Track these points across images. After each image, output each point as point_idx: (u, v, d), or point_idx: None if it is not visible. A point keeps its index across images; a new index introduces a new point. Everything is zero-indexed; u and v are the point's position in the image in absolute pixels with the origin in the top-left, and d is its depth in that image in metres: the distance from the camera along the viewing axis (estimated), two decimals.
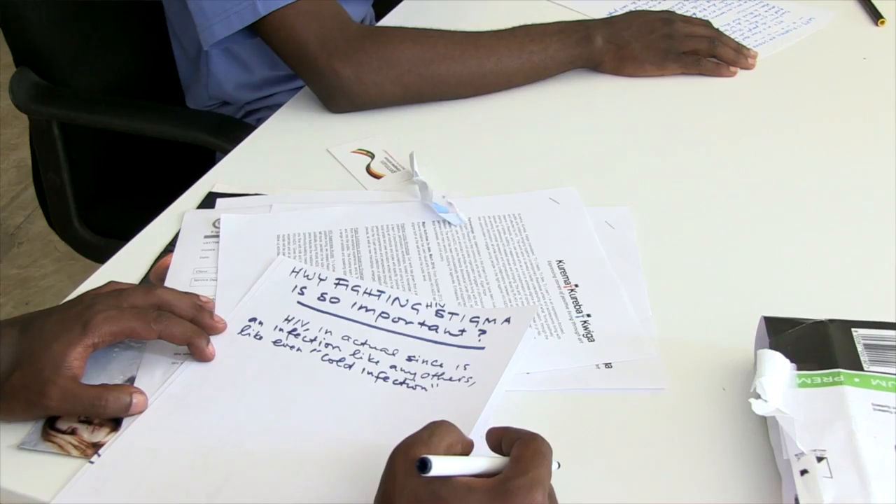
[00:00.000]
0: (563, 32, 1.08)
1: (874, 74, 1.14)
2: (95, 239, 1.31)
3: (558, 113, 1.05)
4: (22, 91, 1.21)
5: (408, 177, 0.91)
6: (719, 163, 0.97)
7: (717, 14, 1.26)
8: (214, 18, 1.04)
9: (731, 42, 1.13)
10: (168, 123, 1.20)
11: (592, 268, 0.80)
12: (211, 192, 0.91)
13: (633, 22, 1.11)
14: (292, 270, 0.79)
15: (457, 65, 1.03)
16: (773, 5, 1.28)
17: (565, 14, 1.24)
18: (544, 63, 1.07)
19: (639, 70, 1.10)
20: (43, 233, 2.25)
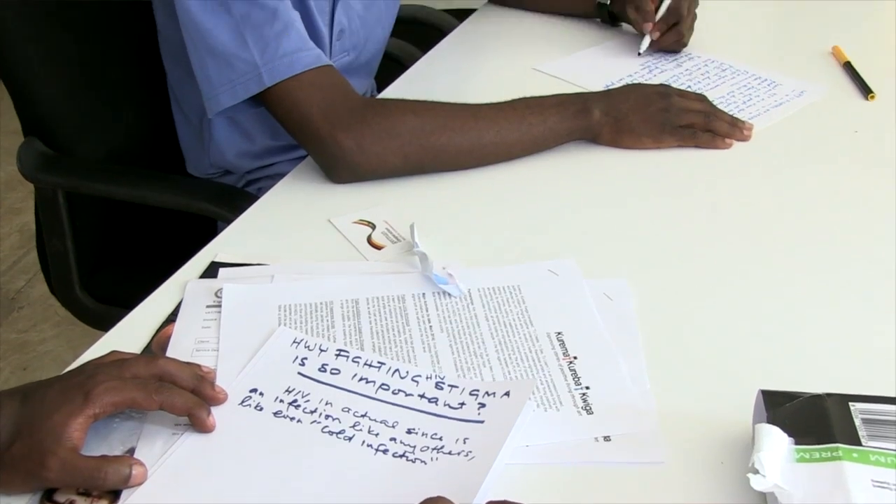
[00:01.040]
0: (562, 105, 1.10)
1: (866, 147, 1.16)
2: (96, 306, 1.32)
3: (557, 184, 1.06)
4: (29, 160, 1.23)
5: (408, 248, 0.92)
6: (716, 235, 0.98)
7: (712, 87, 1.28)
8: (220, 88, 1.07)
9: (726, 116, 1.15)
10: (171, 192, 1.21)
11: (591, 340, 0.80)
12: (213, 261, 0.92)
13: (631, 95, 1.13)
14: (293, 341, 0.80)
15: (457, 136, 1.05)
16: (766, 78, 1.31)
17: (564, 87, 1.26)
18: (543, 135, 1.09)
19: (636, 142, 1.11)
20: (43, 297, 2.26)
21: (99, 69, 1.30)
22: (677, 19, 1.34)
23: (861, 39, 1.46)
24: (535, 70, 1.33)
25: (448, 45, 1.46)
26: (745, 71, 1.33)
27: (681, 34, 1.35)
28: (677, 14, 1.34)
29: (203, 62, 1.07)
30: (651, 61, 1.36)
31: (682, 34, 1.35)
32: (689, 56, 1.38)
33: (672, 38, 1.35)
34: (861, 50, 1.38)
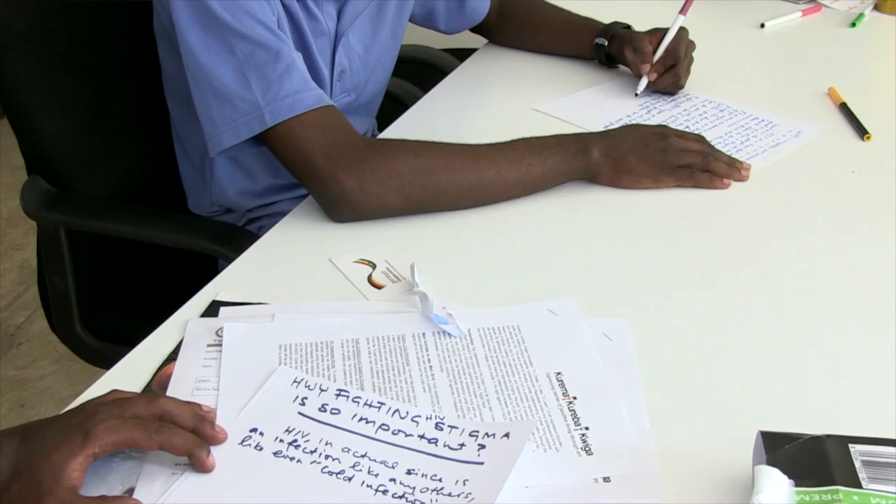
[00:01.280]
0: (561, 145, 1.11)
1: (863, 187, 1.17)
2: (96, 343, 1.32)
3: (556, 224, 1.07)
4: (32, 198, 1.24)
5: (408, 287, 0.93)
6: (715, 274, 0.98)
7: (709, 127, 1.30)
8: (223, 127, 1.08)
9: (724, 156, 1.16)
10: (173, 231, 1.22)
11: (591, 380, 0.81)
12: (215, 300, 0.92)
13: (629, 136, 1.14)
14: (294, 381, 0.80)
15: (457, 176, 1.06)
16: (764, 118, 1.32)
17: (563, 127, 1.27)
18: (543, 175, 1.09)
19: (635, 182, 1.12)
20: (43, 333, 2.26)
21: (103, 108, 1.32)
22: (674, 61, 1.35)
23: (856, 81, 1.48)
24: (535, 110, 1.34)
25: (448, 84, 1.47)
26: (742, 111, 1.34)
27: (678, 76, 1.36)
28: (674, 56, 1.35)
29: (206, 102, 1.08)
30: (649, 101, 1.37)
31: (680, 76, 1.36)
32: (687, 96, 1.39)
33: (669, 79, 1.36)
34: (856, 91, 1.39)
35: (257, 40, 1.05)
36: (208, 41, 1.06)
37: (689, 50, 1.38)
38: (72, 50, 1.27)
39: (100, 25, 1.30)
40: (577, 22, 1.51)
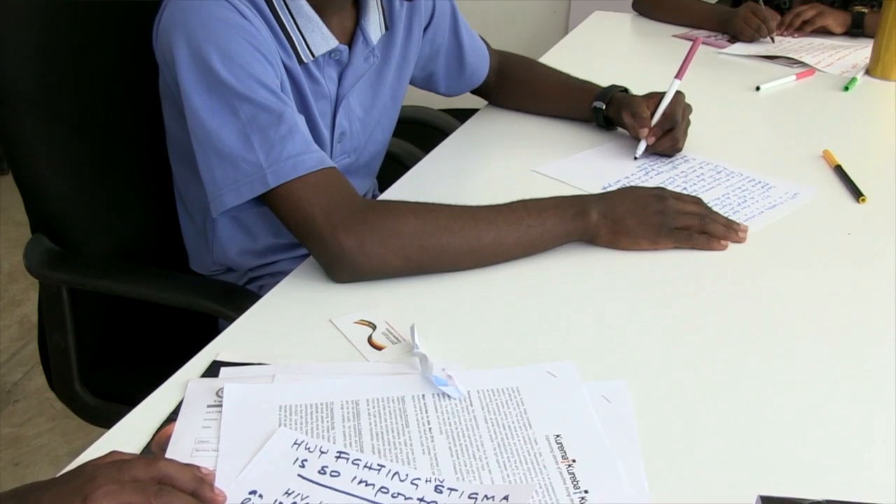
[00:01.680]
0: (560, 207, 1.12)
1: (859, 249, 1.18)
2: (95, 402, 1.32)
3: (555, 285, 1.08)
4: (35, 257, 1.25)
5: (408, 349, 0.93)
6: (713, 336, 0.99)
7: (707, 189, 1.31)
8: (225, 188, 1.09)
9: (721, 218, 1.18)
10: (174, 291, 1.23)
11: (590, 443, 0.81)
12: (215, 360, 0.93)
13: (627, 198, 1.15)
14: (294, 443, 0.80)
15: (456, 237, 1.07)
16: (760, 180, 1.34)
17: (561, 188, 1.29)
18: (542, 237, 1.10)
19: (633, 244, 1.13)
20: (40, 390, 2.25)
21: (107, 168, 1.33)
22: (672, 125, 1.38)
23: (850, 144, 1.50)
24: (534, 171, 1.36)
25: (449, 146, 1.49)
26: (739, 173, 1.36)
27: (676, 139, 1.38)
28: (672, 120, 1.37)
29: (209, 162, 1.09)
30: (647, 163, 1.39)
31: (678, 139, 1.38)
32: (685, 158, 1.41)
33: (667, 143, 1.38)
34: (850, 154, 1.42)
35: (261, 103, 1.07)
36: (213, 103, 1.08)
37: (686, 113, 1.40)
38: (78, 110, 1.29)
39: (106, 86, 1.32)
40: (576, 85, 1.54)
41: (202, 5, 1.10)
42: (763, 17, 2.03)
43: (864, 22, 2.08)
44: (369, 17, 1.26)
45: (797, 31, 2.11)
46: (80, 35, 1.28)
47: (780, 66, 1.93)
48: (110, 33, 1.32)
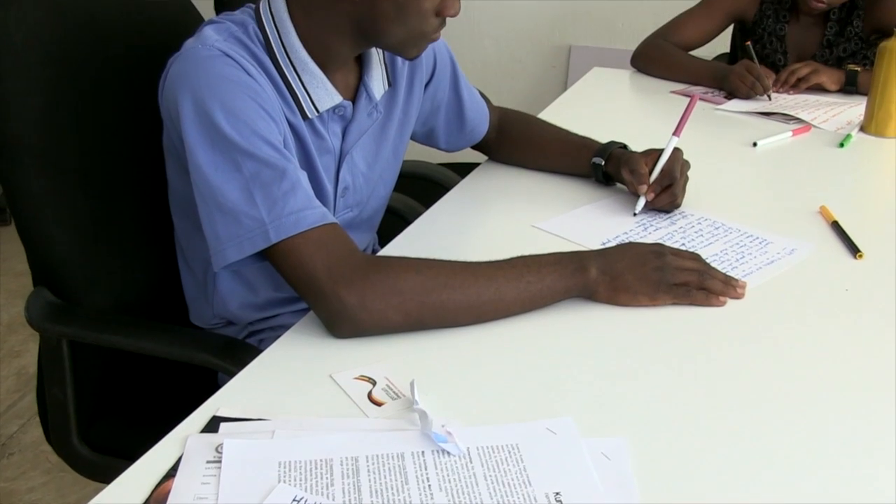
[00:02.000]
0: (559, 263, 1.13)
1: (857, 306, 1.18)
2: (93, 456, 1.31)
3: (554, 341, 1.08)
4: (37, 310, 1.25)
5: (408, 405, 0.93)
6: (713, 392, 0.99)
7: (705, 244, 1.32)
8: (227, 243, 1.10)
9: (720, 274, 1.18)
10: (175, 344, 1.23)
11: (590, 501, 0.80)
12: (215, 415, 0.93)
13: (626, 254, 1.16)
14: (293, 499, 0.79)
15: (457, 294, 1.07)
16: (758, 236, 1.35)
17: (561, 244, 1.30)
18: (541, 293, 1.11)
19: (632, 300, 1.14)
20: (35, 443, 2.24)
21: (109, 221, 1.34)
22: (671, 181, 1.39)
23: (847, 200, 1.51)
24: (533, 227, 1.37)
25: (449, 201, 1.50)
26: (737, 229, 1.37)
27: (674, 196, 1.39)
28: (671, 176, 1.39)
29: (212, 217, 1.10)
30: (646, 219, 1.40)
31: (676, 196, 1.39)
32: (683, 214, 1.42)
33: (666, 199, 1.40)
34: (847, 210, 1.43)
35: (264, 159, 1.08)
36: (216, 159, 1.09)
37: (685, 170, 1.41)
38: (82, 164, 1.30)
39: (110, 140, 1.34)
40: (575, 141, 1.56)
41: (207, 63, 1.12)
42: (757, 75, 2.06)
43: (858, 80, 2.11)
44: (372, 74, 1.29)
45: (792, 88, 2.14)
46: (85, 90, 1.30)
47: (776, 122, 1.95)
48: (115, 89, 1.35)
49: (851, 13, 2.20)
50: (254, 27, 1.19)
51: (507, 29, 3.48)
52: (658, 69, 2.28)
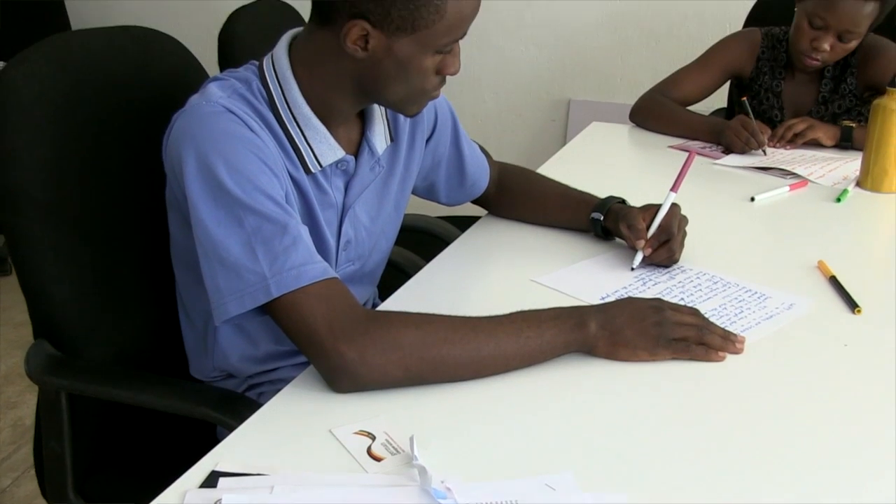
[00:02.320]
0: (558, 319, 1.13)
1: (856, 361, 1.18)
2: None
3: (554, 395, 1.08)
4: (37, 363, 1.25)
5: (407, 460, 0.93)
6: (712, 447, 0.99)
7: (704, 299, 1.32)
8: (229, 297, 1.10)
9: (719, 329, 1.19)
10: (174, 398, 1.23)
11: None
12: (214, 470, 0.92)
13: (626, 309, 1.16)
14: None
15: (456, 349, 1.08)
16: (756, 291, 1.35)
17: (560, 298, 1.30)
18: (540, 348, 1.11)
19: (631, 355, 1.14)
20: (29, 497, 2.21)
21: (111, 273, 1.35)
22: (668, 237, 1.40)
23: (844, 255, 1.51)
24: (533, 281, 1.38)
25: (449, 255, 1.51)
26: (735, 283, 1.37)
27: (672, 251, 1.40)
28: (668, 232, 1.40)
29: (213, 271, 1.11)
30: (644, 274, 1.40)
31: (674, 251, 1.40)
32: (682, 268, 1.43)
33: (664, 254, 1.40)
34: (845, 265, 1.43)
35: (265, 214, 1.10)
36: (218, 213, 1.10)
37: (682, 225, 1.42)
38: (85, 216, 1.31)
39: (113, 193, 1.35)
40: (574, 196, 1.57)
41: (211, 119, 1.14)
42: (752, 130, 2.08)
43: (853, 136, 2.14)
44: (375, 129, 1.30)
45: (789, 144, 2.16)
46: (90, 144, 1.32)
47: (773, 177, 1.97)
48: (119, 142, 1.36)
49: (845, 71, 2.24)
50: (257, 84, 1.21)
51: (506, 82, 3.52)
52: (656, 124, 2.31)
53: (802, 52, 2.14)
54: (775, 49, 2.29)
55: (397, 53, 1.14)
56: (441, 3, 1.12)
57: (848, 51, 2.14)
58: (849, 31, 2.07)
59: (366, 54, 1.15)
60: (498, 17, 3.39)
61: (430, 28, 1.13)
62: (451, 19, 1.14)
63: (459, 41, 1.19)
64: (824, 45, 2.10)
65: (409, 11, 1.11)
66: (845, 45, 2.11)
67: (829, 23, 2.07)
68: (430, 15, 1.12)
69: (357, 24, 1.12)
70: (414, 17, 1.12)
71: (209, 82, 1.22)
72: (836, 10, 2.04)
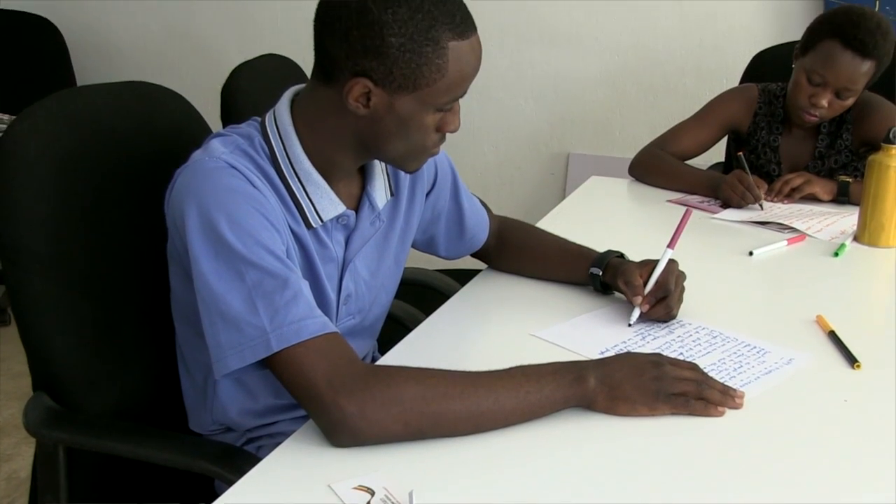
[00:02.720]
0: (558, 373, 1.13)
1: (856, 417, 1.18)
2: None
3: (553, 450, 1.08)
4: (35, 416, 1.25)
5: None
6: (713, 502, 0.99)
7: (703, 354, 1.33)
8: (229, 351, 1.11)
9: (718, 384, 1.19)
10: (173, 451, 1.22)
11: None
12: None
13: (625, 364, 1.17)
14: None
15: (456, 403, 1.08)
16: (755, 346, 1.35)
17: (559, 352, 1.30)
18: (540, 402, 1.11)
19: (631, 410, 1.14)
20: None
21: (111, 326, 1.35)
22: (665, 293, 1.40)
23: (843, 309, 1.52)
24: (532, 336, 1.38)
25: (448, 309, 1.51)
26: (734, 338, 1.38)
27: (669, 307, 1.40)
28: (665, 289, 1.40)
29: (214, 326, 1.12)
30: (643, 328, 1.41)
31: (671, 307, 1.40)
32: (681, 323, 1.43)
33: (661, 310, 1.40)
34: (843, 319, 1.43)
35: (267, 269, 1.10)
36: (220, 268, 1.11)
37: (680, 281, 1.42)
38: (87, 269, 1.32)
39: (115, 246, 1.36)
40: (573, 251, 1.57)
41: (214, 175, 1.15)
42: (748, 185, 2.10)
43: (849, 190, 2.15)
44: (375, 184, 1.32)
45: (786, 198, 2.18)
46: (93, 197, 1.33)
47: (771, 231, 1.98)
48: (121, 196, 1.38)
49: (841, 126, 2.26)
50: (259, 140, 1.23)
51: (506, 136, 3.55)
52: (655, 178, 2.33)
53: (801, 107, 2.17)
54: (772, 104, 2.31)
55: (399, 111, 1.16)
56: (443, 62, 1.14)
57: (845, 108, 2.17)
58: (846, 89, 2.11)
59: (367, 111, 1.17)
60: (498, 71, 3.44)
61: (432, 86, 1.15)
62: (453, 78, 1.16)
63: (460, 99, 1.21)
64: (822, 102, 2.13)
65: (411, 70, 1.13)
66: (843, 101, 2.14)
67: (827, 80, 2.10)
68: (432, 74, 1.14)
69: (360, 82, 1.14)
70: (416, 75, 1.14)
71: (212, 138, 1.24)
72: (834, 67, 2.08)
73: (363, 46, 1.13)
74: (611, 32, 3.33)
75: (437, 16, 1.13)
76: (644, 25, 3.29)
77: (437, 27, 1.13)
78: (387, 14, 1.11)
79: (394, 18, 1.11)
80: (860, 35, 2.04)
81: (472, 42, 1.17)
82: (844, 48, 2.06)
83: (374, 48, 1.12)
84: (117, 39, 3.86)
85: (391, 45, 1.12)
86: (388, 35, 1.12)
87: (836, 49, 2.07)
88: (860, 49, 2.05)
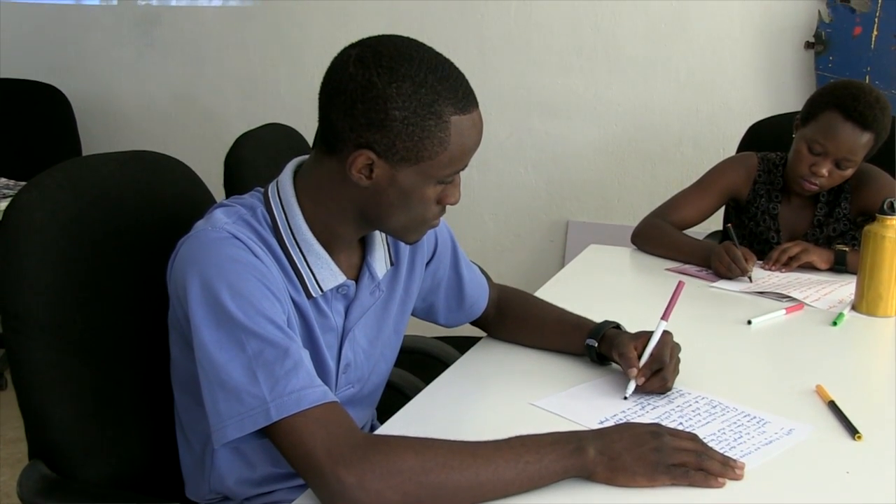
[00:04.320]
0: (557, 444, 1.13)
1: (858, 489, 1.17)
2: None
3: None
4: (30, 485, 1.24)
5: None
6: None
7: (702, 423, 1.32)
8: (229, 420, 1.11)
9: (718, 455, 1.18)
10: None
11: None
12: None
13: (624, 434, 1.16)
14: None
15: (455, 474, 1.07)
16: (755, 416, 1.35)
17: (558, 422, 1.30)
18: (539, 473, 1.10)
19: (630, 481, 1.13)
20: None
21: (110, 394, 1.35)
22: (660, 366, 1.39)
23: (842, 379, 1.51)
24: (531, 405, 1.37)
25: (448, 378, 1.51)
26: (734, 408, 1.37)
27: (665, 380, 1.39)
28: (660, 361, 1.39)
29: (214, 395, 1.12)
30: (643, 398, 1.40)
31: (667, 380, 1.39)
32: (680, 392, 1.42)
33: (657, 383, 1.40)
34: (843, 389, 1.43)
35: (267, 338, 1.11)
36: (220, 337, 1.12)
37: (675, 353, 1.42)
38: (87, 336, 1.32)
39: (116, 314, 1.37)
40: (571, 321, 1.57)
41: (216, 245, 1.16)
42: (734, 257, 2.10)
43: (847, 259, 2.17)
44: (375, 254, 1.33)
45: (784, 267, 2.19)
46: (96, 265, 1.34)
47: (769, 299, 1.98)
48: (124, 263, 1.39)
49: (839, 196, 2.29)
50: (262, 210, 1.24)
51: (505, 204, 3.58)
52: (654, 248, 2.34)
53: (801, 176, 2.20)
54: (772, 173, 2.34)
55: (401, 183, 1.18)
56: (445, 135, 1.16)
57: (844, 178, 2.20)
58: (846, 159, 2.14)
59: (370, 182, 1.18)
60: (498, 140, 3.49)
61: (434, 159, 1.17)
62: (455, 151, 1.18)
63: (461, 172, 1.23)
64: (823, 171, 2.16)
65: (413, 143, 1.15)
66: (842, 171, 2.18)
67: (828, 149, 2.14)
68: (435, 147, 1.16)
69: (363, 154, 1.16)
70: (418, 148, 1.16)
71: (215, 208, 1.26)
72: (835, 138, 2.12)
73: (367, 119, 1.15)
74: (609, 102, 3.39)
75: (441, 91, 1.15)
76: (641, 95, 3.35)
77: (440, 102, 1.15)
78: (391, 88, 1.14)
79: (398, 92, 1.14)
80: (860, 108, 2.09)
81: (473, 117, 1.19)
82: (845, 120, 2.10)
83: (378, 121, 1.15)
84: (124, 107, 3.92)
85: (395, 118, 1.14)
86: (391, 108, 1.14)
87: (838, 120, 2.11)
88: (860, 121, 2.09)
